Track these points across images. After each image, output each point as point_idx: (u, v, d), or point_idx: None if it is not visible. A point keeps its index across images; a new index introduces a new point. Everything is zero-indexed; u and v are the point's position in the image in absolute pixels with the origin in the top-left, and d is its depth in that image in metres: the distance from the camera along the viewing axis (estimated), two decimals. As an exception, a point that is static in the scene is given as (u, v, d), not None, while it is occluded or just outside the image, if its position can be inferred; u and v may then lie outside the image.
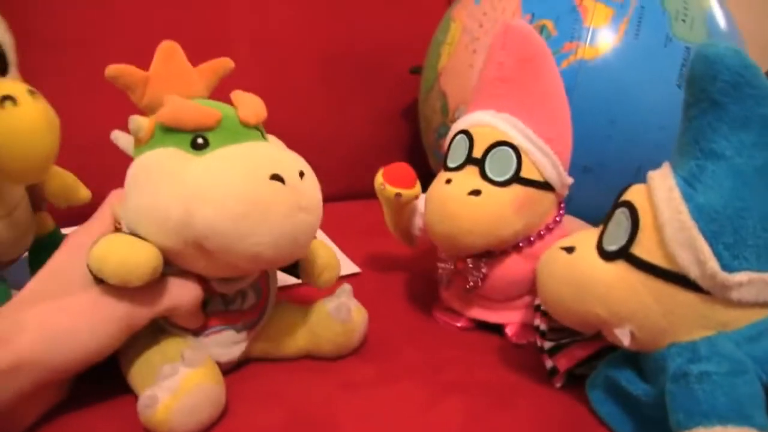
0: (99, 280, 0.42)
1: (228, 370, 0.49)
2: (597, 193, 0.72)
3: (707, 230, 0.37)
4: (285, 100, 0.96)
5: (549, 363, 0.50)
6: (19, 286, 0.54)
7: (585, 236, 0.44)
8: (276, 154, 0.44)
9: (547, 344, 0.50)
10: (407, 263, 0.74)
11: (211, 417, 0.43)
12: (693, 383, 0.37)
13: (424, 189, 0.61)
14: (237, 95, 0.47)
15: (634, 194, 0.41)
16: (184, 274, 0.45)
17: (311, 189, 0.45)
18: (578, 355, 0.49)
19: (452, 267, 0.58)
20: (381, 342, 0.54)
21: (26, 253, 0.57)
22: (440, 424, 0.45)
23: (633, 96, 0.71)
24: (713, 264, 0.37)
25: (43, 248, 0.57)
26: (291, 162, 0.44)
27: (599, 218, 0.65)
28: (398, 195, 0.59)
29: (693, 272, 0.38)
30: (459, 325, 0.59)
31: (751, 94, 0.37)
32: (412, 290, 0.67)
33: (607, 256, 0.41)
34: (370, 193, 0.64)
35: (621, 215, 0.41)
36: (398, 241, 0.67)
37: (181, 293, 0.45)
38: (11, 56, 0.49)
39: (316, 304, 0.52)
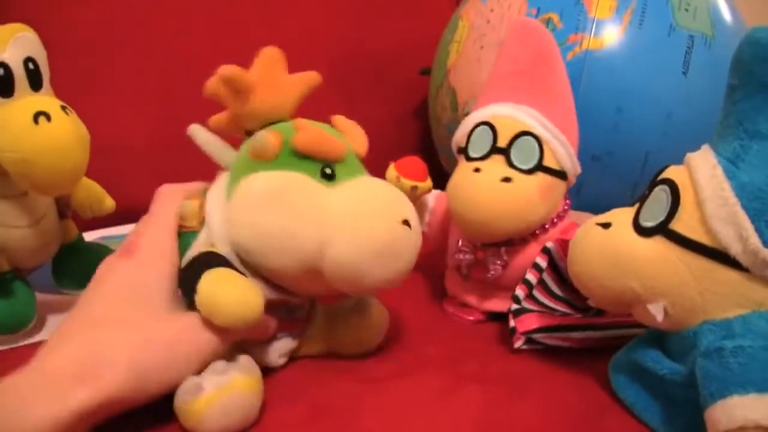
0: (189, 298, 0.41)
1: None
2: (606, 180, 0.72)
3: (750, 207, 0.36)
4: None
5: (511, 323, 0.51)
6: (41, 289, 0.54)
7: (620, 213, 0.43)
8: (397, 195, 0.45)
9: (514, 306, 0.51)
10: (421, 260, 0.72)
11: (242, 426, 0.40)
12: (727, 357, 0.36)
13: (435, 187, 0.61)
14: (342, 123, 0.47)
15: (674, 173, 0.40)
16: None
17: (421, 231, 0.46)
18: (538, 322, 0.50)
19: (472, 257, 0.57)
20: (398, 338, 0.53)
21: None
22: (459, 413, 0.44)
23: (639, 84, 0.70)
24: (755, 240, 0.36)
25: (67, 255, 0.56)
26: (411, 206, 0.45)
27: (608, 206, 0.64)
28: (414, 188, 0.58)
29: (734, 248, 0.37)
30: (471, 318, 0.58)
31: None
32: (420, 287, 0.66)
33: (644, 231, 0.40)
34: None
35: (661, 192, 0.40)
36: None
37: (264, 326, 0.44)
38: (45, 71, 0.49)
39: (337, 303, 0.51)
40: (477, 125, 0.56)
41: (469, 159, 0.55)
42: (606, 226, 0.42)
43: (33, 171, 0.45)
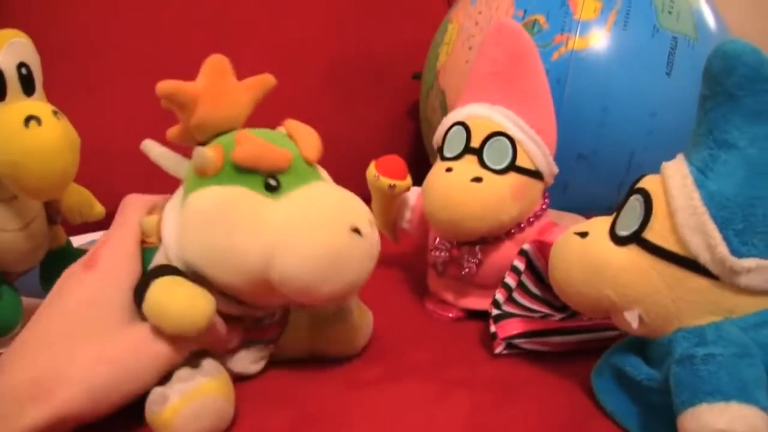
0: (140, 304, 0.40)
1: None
2: (592, 179, 0.72)
3: (718, 216, 0.36)
4: (290, 104, 0.94)
5: (492, 328, 0.50)
6: (29, 294, 0.54)
7: (598, 222, 0.43)
8: (348, 201, 0.43)
9: (494, 311, 0.51)
10: (396, 259, 0.72)
11: (215, 430, 0.40)
12: (698, 364, 0.36)
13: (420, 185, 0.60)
14: (293, 127, 0.45)
15: (649, 182, 0.41)
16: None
17: (378, 236, 0.44)
18: (518, 327, 0.50)
19: (447, 254, 0.57)
20: (383, 340, 0.52)
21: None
22: (447, 420, 0.44)
23: (623, 84, 0.70)
24: (723, 249, 0.36)
25: (55, 260, 0.55)
26: (363, 211, 0.43)
27: (594, 204, 0.64)
28: (392, 186, 0.58)
29: (703, 257, 0.37)
30: (450, 315, 0.58)
31: (766, 89, 0.36)
32: (411, 287, 0.65)
33: (619, 240, 0.40)
34: (370, 196, 0.62)
35: (635, 201, 0.40)
36: (385, 237, 0.65)
37: (223, 338, 0.43)
38: (38, 77, 0.48)
39: (316, 307, 0.49)
40: (452, 125, 0.56)
41: (443, 159, 0.55)
42: (584, 235, 0.42)
43: (22, 174, 0.45)
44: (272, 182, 0.41)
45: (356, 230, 0.41)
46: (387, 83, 1.04)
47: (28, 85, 0.47)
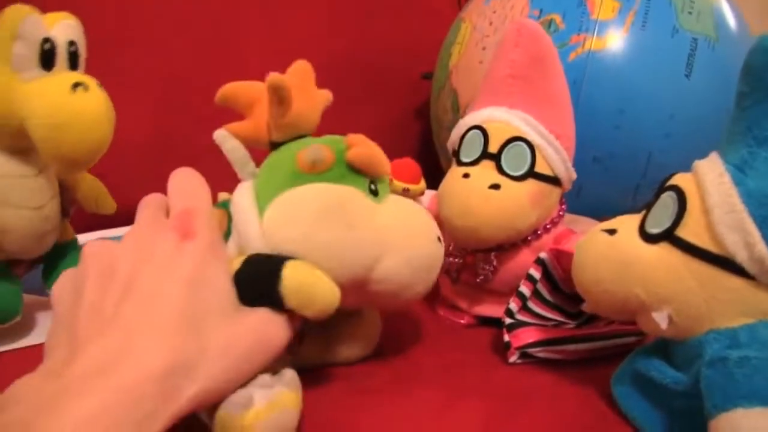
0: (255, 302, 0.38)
1: None
2: (607, 182, 0.71)
3: (757, 215, 0.35)
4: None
5: (506, 337, 0.50)
6: (32, 291, 0.54)
7: (626, 219, 0.42)
8: (430, 215, 0.47)
9: (508, 320, 0.50)
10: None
11: None
12: (732, 367, 0.35)
13: (434, 188, 0.59)
14: (364, 142, 0.45)
15: (681, 180, 0.39)
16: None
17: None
18: (532, 336, 0.49)
19: (461, 261, 0.56)
20: (393, 345, 0.51)
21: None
22: (459, 428, 0.42)
23: (641, 86, 0.69)
24: (762, 247, 0.35)
25: (60, 255, 0.55)
26: (436, 224, 0.47)
27: (609, 208, 0.63)
28: (406, 190, 0.58)
29: (740, 256, 0.35)
30: (462, 322, 0.57)
31: None
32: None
33: (649, 238, 0.39)
34: None
35: (667, 198, 0.39)
36: None
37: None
38: (82, 58, 0.51)
39: None
40: (469, 129, 0.54)
41: (460, 163, 0.54)
42: (612, 232, 0.41)
43: (65, 138, 0.46)
44: (373, 187, 0.44)
45: (440, 239, 0.46)
46: (395, 83, 1.03)
47: (74, 62, 0.49)
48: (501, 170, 0.52)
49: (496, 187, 0.51)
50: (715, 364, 0.35)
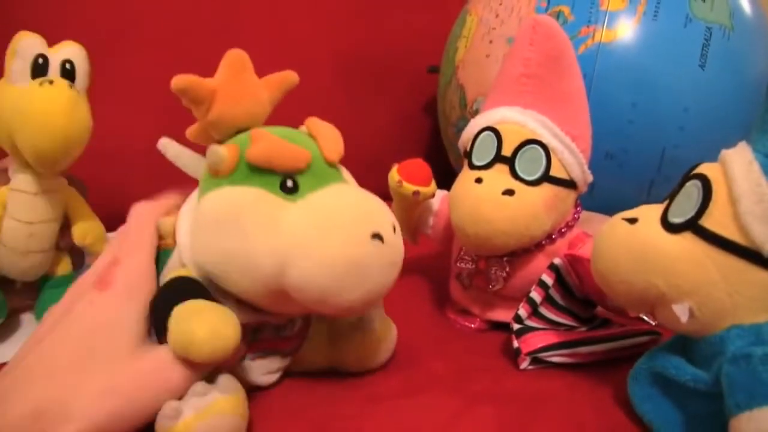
0: (161, 335, 0.39)
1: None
2: (620, 178, 0.71)
3: None
4: (302, 100, 0.93)
5: (515, 343, 0.49)
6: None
7: (648, 209, 0.41)
8: (371, 206, 0.41)
9: (516, 326, 0.50)
10: (426, 266, 0.70)
11: None
12: (756, 364, 0.34)
13: (443, 186, 0.59)
14: (315, 126, 0.44)
15: (707, 169, 0.39)
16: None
17: (401, 242, 0.42)
18: (542, 340, 0.49)
19: (473, 266, 0.55)
20: (404, 350, 0.50)
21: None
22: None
23: (654, 78, 0.69)
24: (791, 240, 0.34)
25: (51, 286, 0.56)
26: (386, 216, 0.41)
27: (623, 205, 0.62)
28: (416, 193, 0.56)
29: (768, 248, 0.35)
30: (473, 326, 0.57)
31: None
32: (432, 294, 0.64)
33: (672, 228, 0.38)
34: (388, 195, 0.61)
35: (692, 187, 0.39)
36: (408, 240, 0.64)
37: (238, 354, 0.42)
38: (80, 79, 0.53)
39: (337, 317, 0.48)
40: (482, 130, 0.54)
41: (472, 167, 0.53)
42: (632, 221, 0.40)
43: (29, 127, 0.49)
44: (289, 183, 0.40)
45: (378, 236, 0.39)
46: (401, 77, 1.03)
47: (69, 78, 0.52)
48: (515, 174, 0.51)
49: (510, 192, 0.50)
50: (738, 361, 0.35)
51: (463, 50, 0.80)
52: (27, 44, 0.51)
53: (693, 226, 0.37)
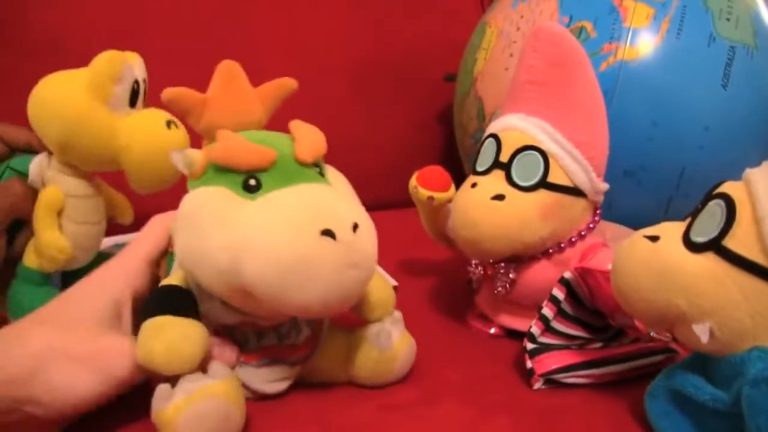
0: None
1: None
2: (639, 196, 0.70)
3: None
4: (318, 108, 0.93)
5: (528, 364, 0.49)
6: None
7: (670, 226, 0.41)
8: (330, 203, 0.41)
9: (530, 346, 0.49)
10: (446, 271, 0.71)
11: None
12: (778, 388, 0.34)
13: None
14: (296, 127, 0.45)
15: (731, 188, 0.38)
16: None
17: (365, 243, 0.41)
18: (556, 362, 0.49)
19: (482, 272, 0.56)
20: (421, 360, 0.50)
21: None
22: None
23: (676, 97, 0.68)
24: (816, 263, 0.34)
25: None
26: (345, 214, 0.41)
27: (641, 222, 0.62)
28: (431, 198, 0.58)
29: (792, 271, 0.35)
30: (491, 331, 0.57)
31: None
32: (451, 301, 0.64)
33: (694, 247, 0.38)
34: (406, 202, 0.62)
35: (715, 207, 0.38)
36: (435, 249, 0.65)
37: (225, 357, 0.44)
38: (142, 92, 0.54)
39: (359, 329, 0.49)
40: (486, 137, 0.55)
41: (474, 173, 0.54)
42: (654, 239, 0.40)
43: (156, 164, 0.51)
44: (252, 182, 0.41)
45: (329, 233, 0.39)
46: (417, 85, 1.03)
47: (135, 97, 0.53)
48: (510, 180, 0.51)
49: (499, 197, 0.50)
50: (759, 383, 0.35)
51: (482, 62, 0.80)
52: (128, 70, 0.51)
53: (716, 246, 0.37)
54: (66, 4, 0.83)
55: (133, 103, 0.52)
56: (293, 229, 0.39)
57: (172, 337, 0.40)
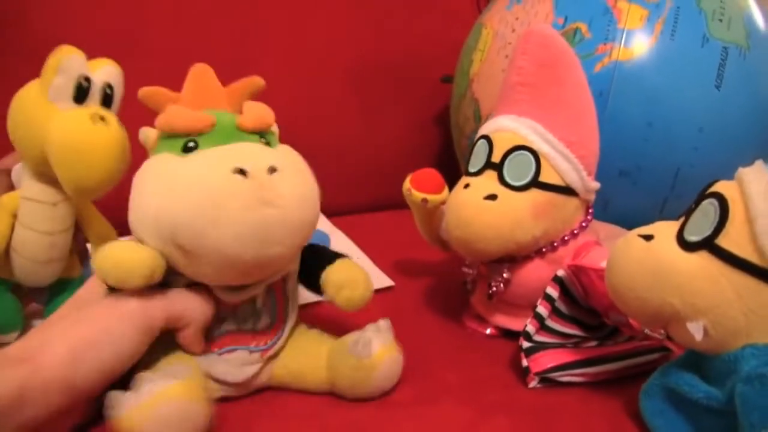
0: (111, 290, 0.44)
1: (248, 392, 0.47)
2: (634, 196, 0.71)
3: None
4: (316, 109, 0.94)
5: (524, 362, 0.49)
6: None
7: (664, 225, 0.42)
8: (252, 150, 0.44)
9: (525, 344, 0.50)
10: (442, 272, 0.72)
11: None
12: (771, 384, 0.34)
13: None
14: (246, 104, 0.47)
15: (724, 187, 0.39)
16: (193, 287, 0.46)
17: (281, 184, 0.43)
18: (552, 360, 0.49)
19: (476, 272, 0.57)
20: (417, 360, 0.50)
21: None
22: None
23: (670, 98, 0.69)
24: (811, 263, 0.34)
25: (60, 291, 0.58)
26: (261, 157, 0.44)
27: (636, 223, 0.63)
28: (424, 200, 0.58)
29: (785, 269, 0.35)
30: (487, 332, 0.58)
31: None
32: (447, 301, 0.65)
33: (688, 246, 0.39)
34: (402, 203, 0.62)
35: (708, 206, 0.39)
36: (431, 249, 0.65)
37: (193, 301, 0.45)
38: (116, 103, 0.54)
39: (342, 336, 0.48)
40: (478, 139, 0.55)
41: (467, 174, 0.55)
42: (648, 238, 0.41)
43: (78, 165, 0.49)
44: (190, 144, 0.44)
45: (241, 172, 0.42)
46: (414, 86, 1.03)
47: (107, 103, 0.53)
48: (502, 180, 0.52)
49: (492, 197, 0.51)
50: (752, 380, 0.35)
51: (479, 63, 0.80)
52: (72, 63, 0.50)
53: (709, 245, 0.38)
54: (66, 4, 0.83)
55: (80, 100, 0.51)
56: (208, 169, 0.42)
57: (123, 247, 0.43)
